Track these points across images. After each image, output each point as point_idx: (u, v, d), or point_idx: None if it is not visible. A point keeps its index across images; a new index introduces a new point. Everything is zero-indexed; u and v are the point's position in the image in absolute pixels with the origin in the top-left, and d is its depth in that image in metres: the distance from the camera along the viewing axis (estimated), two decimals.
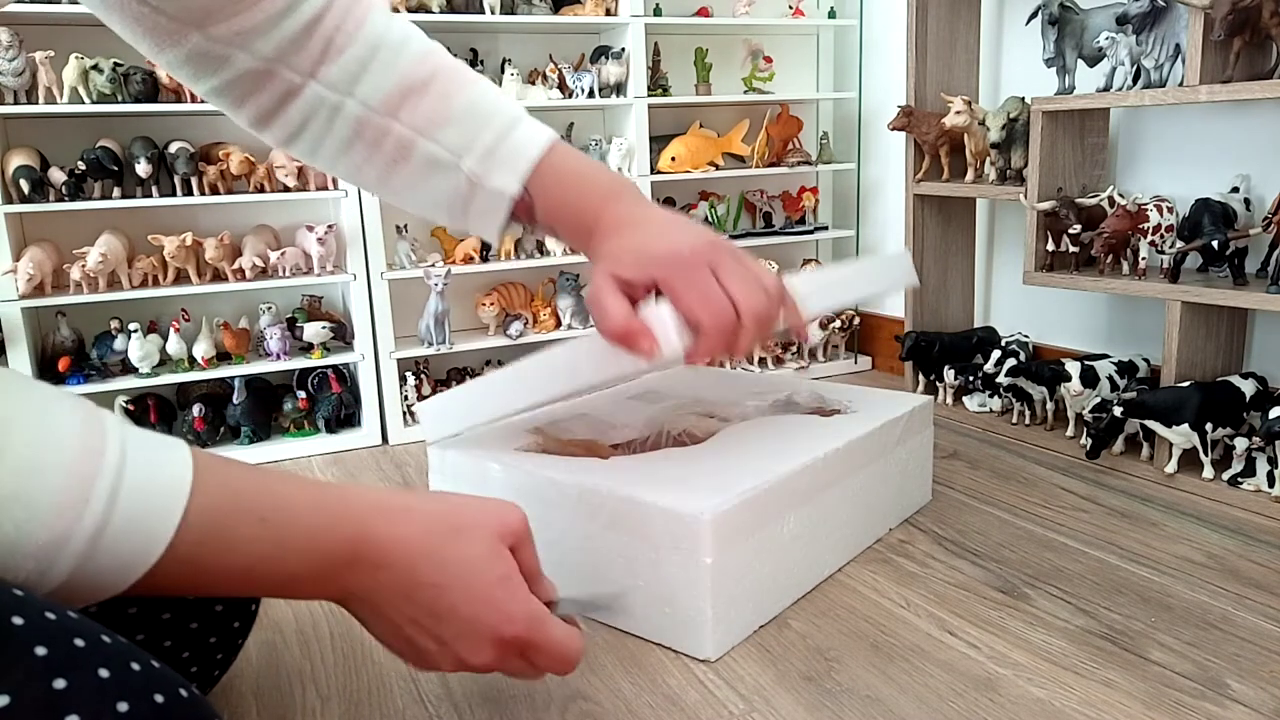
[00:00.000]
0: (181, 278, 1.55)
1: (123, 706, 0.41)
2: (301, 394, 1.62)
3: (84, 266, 1.42)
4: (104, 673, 0.41)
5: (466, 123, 0.70)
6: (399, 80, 0.69)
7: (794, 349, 2.05)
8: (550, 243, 1.74)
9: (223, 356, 1.59)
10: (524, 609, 0.60)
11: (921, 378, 1.75)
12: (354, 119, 0.69)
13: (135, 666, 0.43)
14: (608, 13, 1.71)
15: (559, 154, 0.73)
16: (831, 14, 1.95)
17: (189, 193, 1.51)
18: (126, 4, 0.65)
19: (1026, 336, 1.70)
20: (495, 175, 0.71)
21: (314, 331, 1.59)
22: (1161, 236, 1.33)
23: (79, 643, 0.42)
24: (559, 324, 1.77)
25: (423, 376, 1.68)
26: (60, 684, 0.39)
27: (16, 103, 1.40)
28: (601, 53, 1.77)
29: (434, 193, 0.72)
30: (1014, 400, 1.55)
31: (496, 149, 0.71)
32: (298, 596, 0.58)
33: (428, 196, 0.73)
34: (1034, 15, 1.47)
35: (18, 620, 0.40)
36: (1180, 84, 1.26)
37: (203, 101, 0.83)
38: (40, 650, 0.40)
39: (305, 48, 0.67)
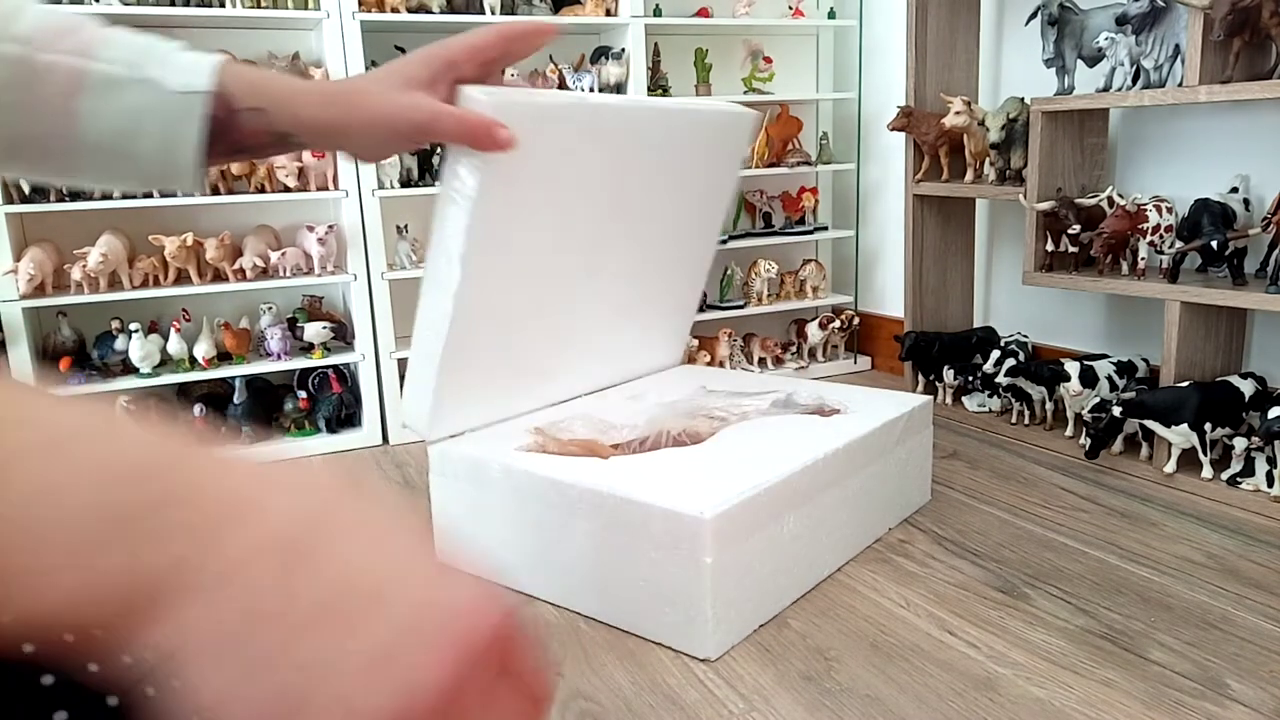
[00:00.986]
0: (182, 278, 1.55)
1: (112, 701, 0.41)
2: (302, 394, 1.62)
3: (85, 266, 1.43)
4: (94, 666, 0.41)
5: (133, 42, 0.65)
6: (54, 22, 0.63)
7: (794, 349, 2.05)
8: None
9: (223, 356, 1.59)
10: (491, 589, 0.31)
11: (921, 378, 1.75)
12: (12, 60, 0.62)
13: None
14: (608, 13, 1.71)
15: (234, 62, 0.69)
16: (831, 14, 1.96)
17: (189, 193, 1.51)
18: None
19: (1026, 336, 1.70)
20: (182, 75, 0.64)
21: (314, 331, 1.59)
22: (1161, 237, 1.33)
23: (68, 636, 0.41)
24: None
25: None
26: (48, 680, 0.39)
27: None
28: (601, 53, 1.77)
29: (116, 119, 0.64)
30: (1013, 400, 1.55)
31: (172, 56, 0.64)
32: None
33: (110, 126, 0.64)
34: (1034, 16, 1.47)
35: None
36: (1180, 84, 1.26)
37: None
38: (28, 647, 0.40)
39: None
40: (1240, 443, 1.23)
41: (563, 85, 1.73)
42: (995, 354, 1.54)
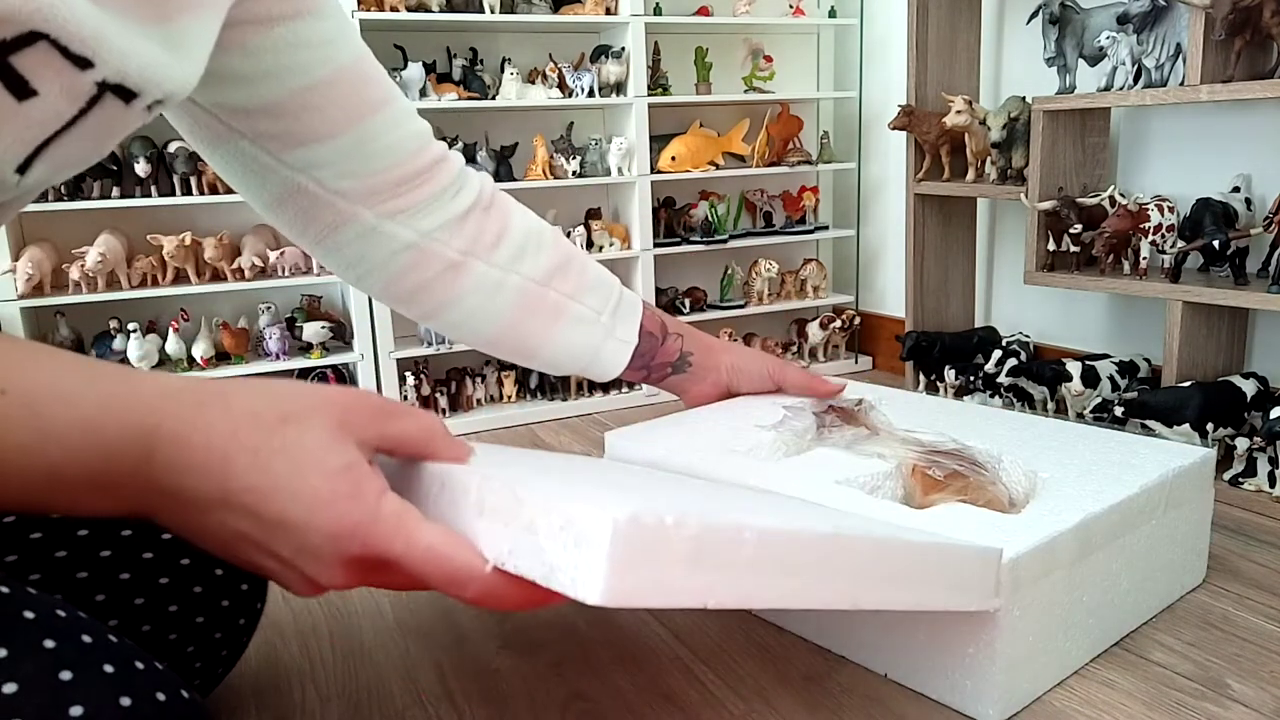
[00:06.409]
0: (180, 277, 1.54)
1: (126, 701, 0.42)
2: None
3: (83, 266, 1.42)
4: (109, 668, 0.43)
5: (600, 290, 0.92)
6: (550, 261, 0.88)
7: (794, 349, 2.05)
8: None
9: (222, 356, 1.59)
10: (370, 511, 0.44)
11: (922, 378, 1.75)
12: (518, 289, 0.86)
13: (139, 665, 0.45)
14: (608, 12, 1.71)
15: (650, 307, 0.99)
16: (832, 13, 1.95)
17: (188, 192, 1.51)
18: (296, 190, 0.74)
19: (1027, 336, 1.70)
20: (620, 327, 0.94)
21: (313, 331, 1.59)
22: (1162, 236, 1.32)
23: (86, 639, 0.43)
24: None
25: (422, 376, 1.68)
26: (66, 676, 0.41)
27: None
28: (601, 52, 1.77)
29: (576, 342, 0.92)
30: (1015, 400, 1.55)
31: (619, 307, 0.94)
32: (76, 511, 0.44)
33: (570, 343, 0.91)
34: (1035, 14, 1.47)
35: (29, 614, 0.43)
36: (1181, 83, 1.26)
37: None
38: (49, 643, 0.42)
39: (465, 229, 0.82)
40: (1242, 443, 1.23)
41: (562, 83, 1.73)
42: (997, 354, 1.54)
